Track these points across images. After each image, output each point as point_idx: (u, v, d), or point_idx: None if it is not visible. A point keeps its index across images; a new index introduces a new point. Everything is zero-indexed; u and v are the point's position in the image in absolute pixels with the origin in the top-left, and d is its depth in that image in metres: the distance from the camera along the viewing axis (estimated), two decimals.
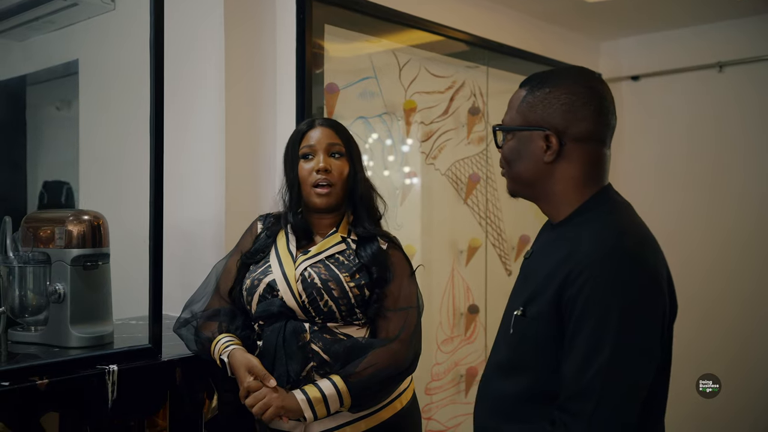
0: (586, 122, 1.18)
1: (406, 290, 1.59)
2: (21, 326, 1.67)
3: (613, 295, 1.08)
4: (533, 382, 1.17)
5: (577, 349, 1.09)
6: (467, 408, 2.93)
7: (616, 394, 1.07)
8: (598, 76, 1.26)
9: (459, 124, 2.91)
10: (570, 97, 1.18)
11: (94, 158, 2.48)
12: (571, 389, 1.09)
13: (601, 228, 1.16)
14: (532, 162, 1.21)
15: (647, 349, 1.11)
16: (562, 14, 3.20)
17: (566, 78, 1.21)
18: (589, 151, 1.20)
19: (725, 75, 3.31)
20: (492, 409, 1.24)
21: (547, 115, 1.19)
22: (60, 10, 2.37)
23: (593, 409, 1.06)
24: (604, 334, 1.07)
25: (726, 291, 3.27)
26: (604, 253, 1.11)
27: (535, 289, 1.18)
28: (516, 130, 1.23)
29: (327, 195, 1.59)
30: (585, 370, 1.07)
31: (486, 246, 3.03)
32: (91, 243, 1.61)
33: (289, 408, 1.45)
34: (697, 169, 3.40)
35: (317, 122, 1.65)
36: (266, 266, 1.60)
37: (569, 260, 1.13)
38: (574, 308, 1.10)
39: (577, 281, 1.10)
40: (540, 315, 1.15)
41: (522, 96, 1.23)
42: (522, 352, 1.20)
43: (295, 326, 1.53)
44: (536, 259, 1.26)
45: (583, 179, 1.21)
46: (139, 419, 1.53)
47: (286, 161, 1.65)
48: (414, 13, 2.56)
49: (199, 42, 2.16)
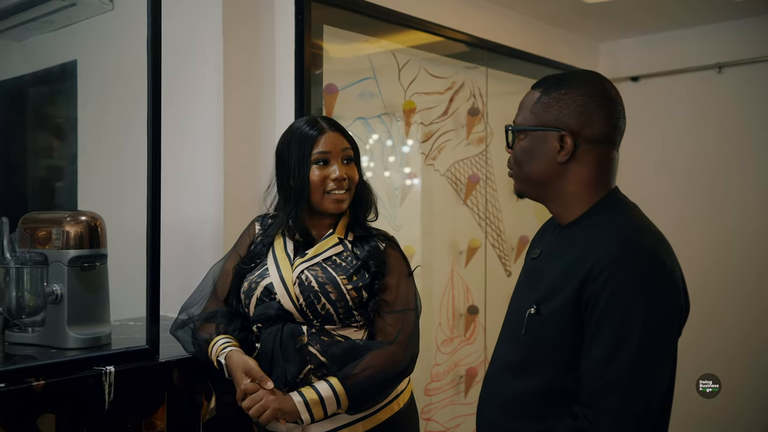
0: (599, 125, 1.21)
1: (403, 290, 1.58)
2: (18, 327, 1.66)
3: (636, 293, 1.09)
4: (549, 380, 1.18)
5: (600, 345, 1.10)
6: (467, 409, 2.92)
7: (640, 390, 1.09)
8: (610, 81, 1.29)
9: (458, 124, 2.90)
10: (585, 99, 1.21)
11: (93, 159, 2.47)
12: (594, 385, 1.11)
13: (617, 227, 1.17)
14: (545, 162, 1.23)
15: (669, 346, 1.14)
16: (561, 15, 3.20)
17: (581, 81, 1.24)
18: (601, 153, 1.22)
19: (724, 76, 3.31)
20: (504, 409, 1.25)
21: (563, 116, 1.21)
22: (58, 11, 2.37)
23: (618, 404, 1.08)
24: (628, 331, 1.08)
25: (726, 291, 3.27)
26: (625, 252, 1.13)
27: (550, 287, 1.19)
28: (531, 129, 1.24)
29: (343, 201, 1.58)
30: (609, 366, 1.09)
31: (485, 247, 3.03)
32: (89, 244, 1.61)
33: (286, 410, 1.44)
34: (696, 169, 3.40)
35: (325, 126, 1.59)
36: (264, 269, 1.59)
37: (587, 259, 1.14)
38: (596, 306, 1.11)
39: (599, 279, 1.11)
40: (557, 313, 1.16)
41: (536, 97, 1.25)
42: (537, 351, 1.20)
43: (292, 329, 1.52)
44: (546, 259, 1.27)
45: (594, 181, 1.23)
46: (136, 421, 1.53)
47: (290, 162, 1.58)
48: (413, 14, 2.56)
49: (198, 42, 2.15)
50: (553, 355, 1.18)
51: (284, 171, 1.60)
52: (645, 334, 1.08)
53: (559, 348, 1.17)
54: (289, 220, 1.59)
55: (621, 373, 1.08)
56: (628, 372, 1.08)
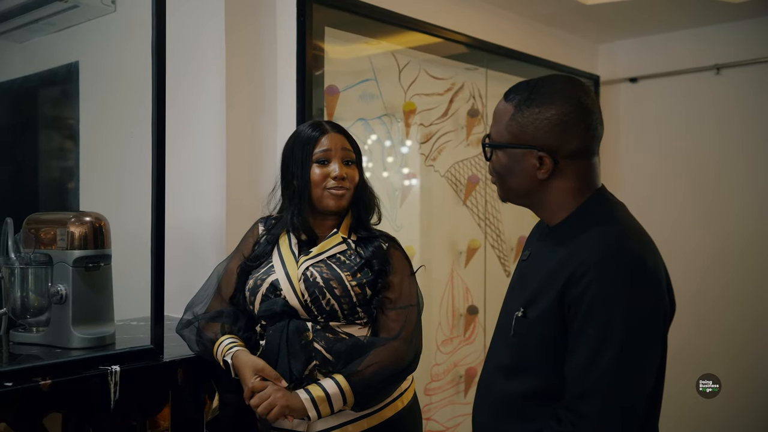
0: (577, 140, 1.18)
1: (406, 288, 1.61)
2: (23, 327, 1.67)
3: (618, 296, 1.09)
4: (538, 382, 1.18)
5: (582, 348, 1.10)
6: (467, 408, 2.94)
7: (622, 393, 1.08)
8: (584, 85, 1.24)
9: (458, 126, 2.92)
10: (561, 117, 1.17)
11: (96, 160, 2.48)
12: (576, 389, 1.10)
13: (601, 229, 1.16)
14: (526, 178, 1.21)
15: (651, 349, 1.12)
16: (560, 17, 3.22)
17: (555, 96, 1.18)
18: (581, 164, 1.21)
19: (722, 77, 3.32)
20: (496, 411, 1.25)
21: (539, 136, 1.18)
22: (60, 12, 2.37)
23: (600, 407, 1.08)
24: (610, 334, 1.08)
25: (725, 292, 3.28)
26: (608, 254, 1.12)
27: (536, 290, 1.19)
28: (507, 147, 1.22)
29: (341, 197, 1.61)
30: (590, 369, 1.08)
31: (485, 247, 3.04)
32: (93, 244, 1.62)
33: (293, 407, 1.46)
34: (694, 170, 3.42)
35: (328, 127, 1.64)
36: (269, 266, 1.61)
37: (571, 261, 1.13)
38: (579, 308, 1.10)
39: (581, 281, 1.10)
40: (542, 315, 1.16)
41: (509, 113, 1.21)
42: (525, 353, 1.20)
43: (297, 325, 1.54)
44: (534, 261, 1.26)
45: (577, 188, 1.22)
46: (141, 420, 1.54)
47: (293, 163, 1.63)
48: (413, 16, 2.57)
49: (200, 44, 2.16)
50: (539, 357, 1.18)
51: (288, 172, 1.64)
52: (626, 335, 1.07)
53: (544, 350, 1.17)
54: (294, 218, 1.61)
55: (603, 376, 1.07)
56: (610, 374, 1.07)
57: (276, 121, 2.24)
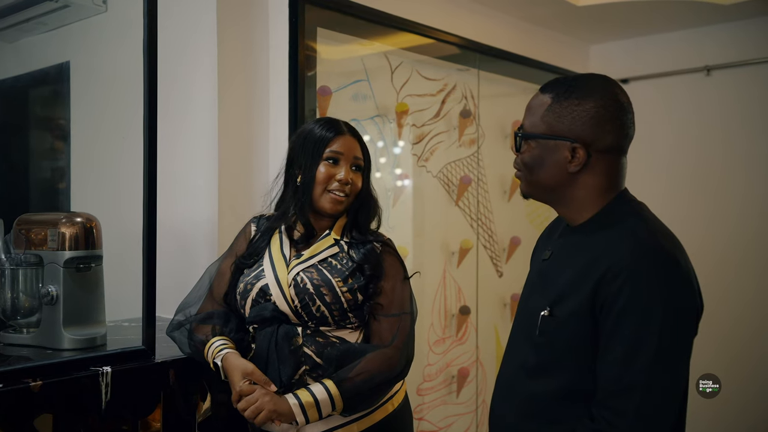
0: (612, 135, 1.20)
1: (399, 294, 1.59)
2: (13, 328, 1.67)
3: (654, 294, 1.10)
4: (568, 381, 1.18)
5: (617, 347, 1.10)
6: (459, 408, 2.94)
7: (659, 390, 1.09)
8: (620, 86, 1.27)
9: (450, 126, 2.92)
10: (599, 110, 1.19)
11: (87, 160, 2.47)
12: (612, 387, 1.11)
13: (630, 229, 1.17)
14: (556, 170, 1.22)
15: (686, 347, 1.14)
16: (552, 18, 3.23)
17: (594, 90, 1.20)
18: (612, 161, 1.22)
19: (713, 78, 3.34)
20: (523, 411, 1.24)
21: (575, 127, 1.19)
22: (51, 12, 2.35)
23: (637, 405, 1.08)
24: (647, 333, 1.08)
25: (726, 292, 3.27)
26: (641, 254, 1.12)
27: (563, 289, 1.19)
28: (542, 138, 1.22)
29: (340, 203, 1.60)
30: (628, 368, 1.09)
31: (477, 248, 3.05)
32: (84, 245, 1.61)
33: (281, 412, 1.44)
34: (685, 171, 3.43)
35: (345, 129, 1.63)
36: (259, 270, 1.60)
37: (602, 260, 1.14)
38: (613, 307, 1.11)
39: (616, 280, 1.11)
40: (571, 315, 1.16)
41: (546, 103, 1.22)
42: (553, 352, 1.20)
43: (287, 330, 1.53)
44: (557, 261, 1.26)
45: (605, 186, 1.22)
46: (132, 420, 1.54)
47: (303, 156, 1.60)
48: (405, 16, 2.57)
49: (192, 44, 2.16)
50: (569, 356, 1.18)
51: (295, 165, 1.63)
52: (663, 334, 1.08)
53: (574, 350, 1.17)
54: (293, 209, 1.60)
55: (640, 374, 1.08)
56: (648, 373, 1.08)
57: (268, 121, 2.24)
